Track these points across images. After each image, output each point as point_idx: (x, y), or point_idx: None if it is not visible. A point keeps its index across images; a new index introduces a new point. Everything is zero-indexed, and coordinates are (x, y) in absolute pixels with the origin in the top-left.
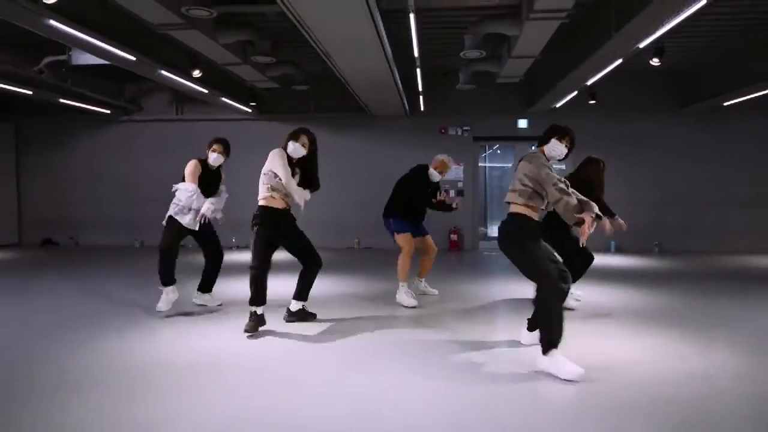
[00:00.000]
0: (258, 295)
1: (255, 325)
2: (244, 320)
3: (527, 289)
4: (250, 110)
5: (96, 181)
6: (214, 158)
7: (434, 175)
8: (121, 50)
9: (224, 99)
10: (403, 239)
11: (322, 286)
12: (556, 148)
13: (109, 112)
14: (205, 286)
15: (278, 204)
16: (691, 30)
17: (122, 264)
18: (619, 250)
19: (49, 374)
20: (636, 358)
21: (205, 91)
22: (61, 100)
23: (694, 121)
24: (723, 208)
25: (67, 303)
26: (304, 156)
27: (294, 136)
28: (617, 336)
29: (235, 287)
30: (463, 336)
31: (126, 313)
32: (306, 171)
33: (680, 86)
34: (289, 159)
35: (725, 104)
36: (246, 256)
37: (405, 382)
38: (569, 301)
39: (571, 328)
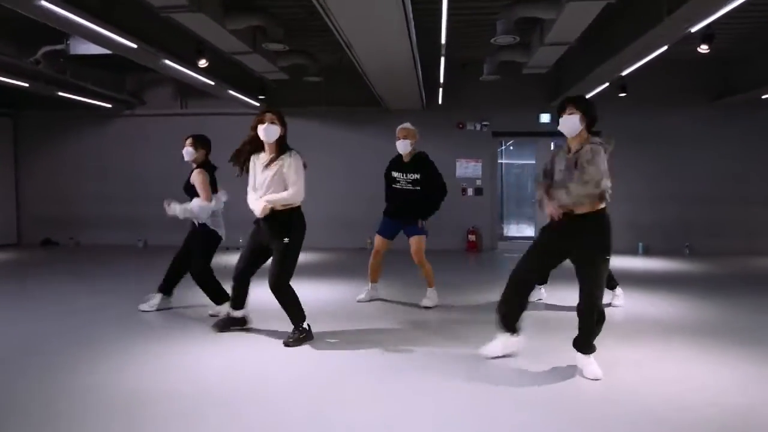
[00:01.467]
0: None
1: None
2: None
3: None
4: (258, 104)
5: (97, 178)
6: (184, 151)
7: (399, 146)
8: (122, 37)
9: (231, 92)
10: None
11: (332, 292)
12: None
13: (110, 106)
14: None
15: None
16: (734, 15)
17: (124, 267)
18: (647, 252)
19: (25, 403)
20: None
21: (212, 83)
22: (60, 93)
23: (727, 115)
24: (756, 207)
25: (52, 315)
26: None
27: (259, 119)
28: (645, 349)
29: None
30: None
31: (116, 331)
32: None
33: (714, 77)
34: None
35: (764, 97)
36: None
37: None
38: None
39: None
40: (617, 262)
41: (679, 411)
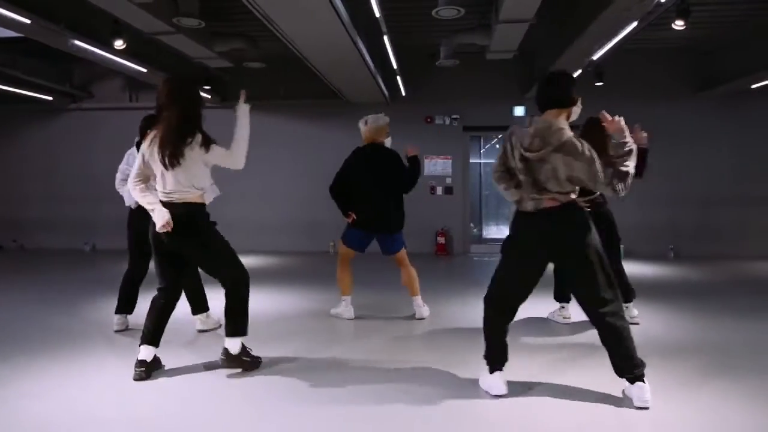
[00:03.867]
0: None
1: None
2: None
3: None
4: (208, 96)
5: (43, 176)
6: None
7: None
8: (9, 10)
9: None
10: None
11: (286, 302)
12: None
13: (51, 98)
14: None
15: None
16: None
17: (63, 275)
18: (629, 255)
19: None
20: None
21: (143, 70)
22: None
23: (713, 107)
24: (747, 206)
25: None
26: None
27: None
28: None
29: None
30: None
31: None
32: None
33: (699, 66)
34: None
35: (752, 87)
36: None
37: None
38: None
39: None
40: None
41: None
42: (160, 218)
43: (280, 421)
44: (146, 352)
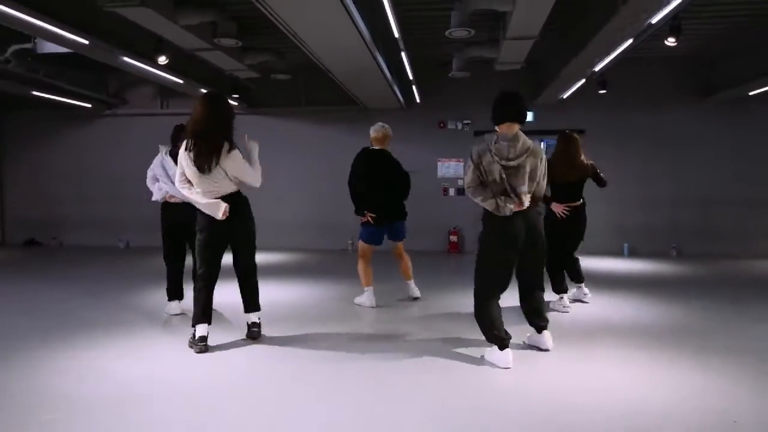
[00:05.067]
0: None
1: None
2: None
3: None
4: (236, 103)
5: (80, 178)
6: None
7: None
8: (72, 33)
9: (203, 90)
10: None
11: (316, 292)
12: None
13: (89, 105)
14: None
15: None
16: (713, 10)
17: (99, 271)
18: (633, 254)
19: None
20: (639, 389)
21: (180, 81)
22: (36, 93)
23: (715, 113)
24: (748, 207)
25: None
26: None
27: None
28: (614, 358)
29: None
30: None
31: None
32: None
33: (700, 74)
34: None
35: (750, 94)
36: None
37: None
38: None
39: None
40: (599, 264)
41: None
42: (218, 208)
43: (316, 377)
44: (202, 329)
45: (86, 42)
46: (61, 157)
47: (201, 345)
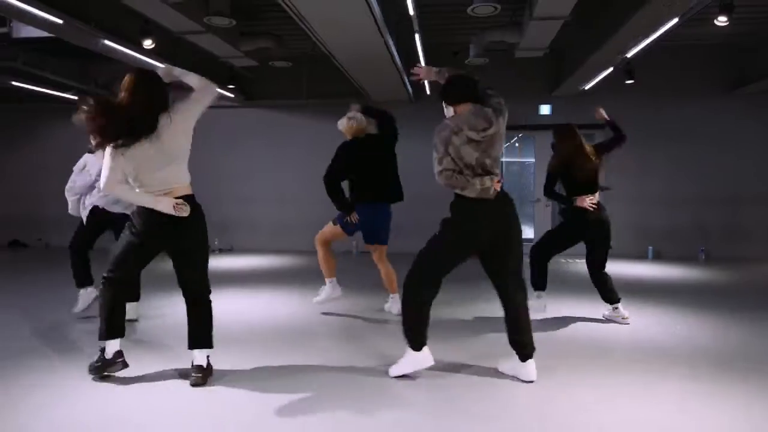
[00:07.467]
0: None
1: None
2: None
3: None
4: (232, 95)
5: (64, 175)
6: None
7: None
8: (42, 11)
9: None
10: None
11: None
12: None
13: (76, 98)
14: None
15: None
16: None
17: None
18: (657, 257)
19: None
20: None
21: None
22: (16, 84)
23: (744, 106)
24: None
25: None
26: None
27: None
28: (627, 379)
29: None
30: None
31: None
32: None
33: (733, 64)
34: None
35: None
36: (229, 260)
37: None
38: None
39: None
40: (622, 268)
41: None
42: (169, 202)
43: (319, 381)
44: (115, 345)
45: (60, 21)
46: (46, 154)
47: (120, 362)
